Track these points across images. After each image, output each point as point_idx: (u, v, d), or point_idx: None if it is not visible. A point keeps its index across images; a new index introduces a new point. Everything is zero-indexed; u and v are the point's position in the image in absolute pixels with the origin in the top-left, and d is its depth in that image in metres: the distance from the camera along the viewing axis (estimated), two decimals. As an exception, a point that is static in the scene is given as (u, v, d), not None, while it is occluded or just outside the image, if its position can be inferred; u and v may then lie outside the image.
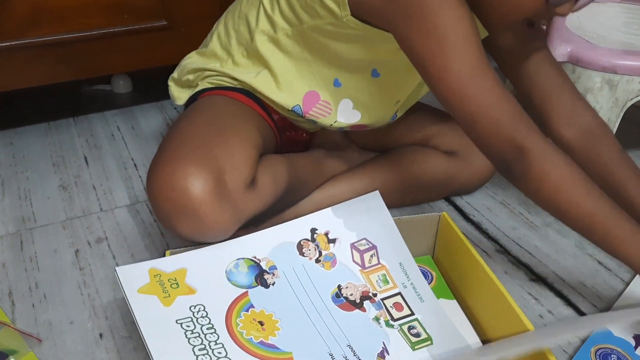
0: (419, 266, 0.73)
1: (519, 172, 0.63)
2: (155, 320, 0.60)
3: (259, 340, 0.61)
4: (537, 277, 0.83)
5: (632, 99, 0.95)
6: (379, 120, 0.85)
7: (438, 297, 0.71)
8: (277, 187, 0.74)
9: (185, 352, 0.57)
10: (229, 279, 0.66)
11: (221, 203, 0.65)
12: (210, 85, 0.83)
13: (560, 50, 0.97)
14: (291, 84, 0.79)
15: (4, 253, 0.83)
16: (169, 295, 0.62)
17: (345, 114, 0.81)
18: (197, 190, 0.63)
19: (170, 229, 0.67)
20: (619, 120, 0.97)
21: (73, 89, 1.31)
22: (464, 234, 0.74)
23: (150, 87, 1.31)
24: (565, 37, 0.99)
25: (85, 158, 1.06)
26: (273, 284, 0.67)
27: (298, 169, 0.83)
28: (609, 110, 0.96)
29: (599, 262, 0.86)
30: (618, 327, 0.71)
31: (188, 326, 0.60)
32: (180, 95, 0.88)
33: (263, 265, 0.68)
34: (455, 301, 0.73)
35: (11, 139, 1.11)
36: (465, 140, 0.92)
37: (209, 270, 0.66)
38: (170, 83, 0.91)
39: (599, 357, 0.68)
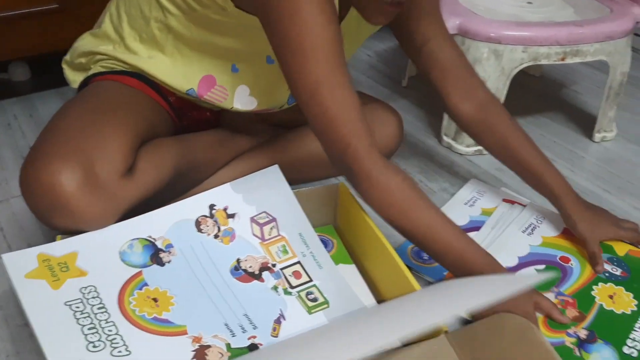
0: (320, 235, 0.75)
1: (351, 183, 0.67)
2: (42, 303, 0.59)
3: (152, 316, 0.62)
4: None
5: (516, 67, 1.01)
6: (276, 106, 0.86)
7: (337, 263, 0.74)
8: (161, 171, 0.74)
9: (73, 332, 0.57)
10: (122, 260, 0.65)
11: (93, 195, 0.65)
12: (102, 69, 0.81)
13: (449, 23, 1.01)
14: (186, 68, 0.78)
15: None
16: (59, 279, 0.61)
17: (241, 101, 0.81)
18: (65, 185, 0.63)
19: (48, 225, 0.66)
20: (507, 88, 1.02)
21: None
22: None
23: (50, 73, 1.26)
24: (455, 11, 1.03)
25: (-21, 149, 1.02)
26: (169, 262, 0.67)
27: (196, 149, 0.83)
28: (497, 79, 1.01)
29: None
30: None
31: (77, 307, 0.60)
32: (74, 78, 0.86)
33: (159, 244, 0.68)
34: (353, 265, 0.76)
35: None
36: (369, 115, 0.96)
37: (102, 252, 0.65)
38: (64, 66, 0.88)
39: (414, 254, 0.80)
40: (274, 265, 0.71)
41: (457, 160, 1.07)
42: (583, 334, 0.69)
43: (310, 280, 0.70)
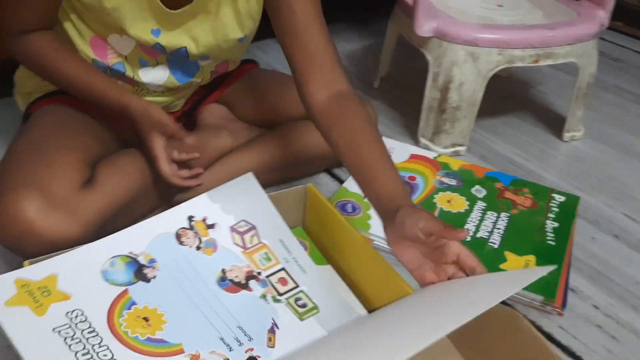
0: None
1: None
2: (29, 332, 0.56)
3: (146, 337, 0.60)
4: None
5: (492, 70, 1.02)
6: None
7: None
8: (125, 179, 0.75)
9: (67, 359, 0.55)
10: (105, 279, 0.63)
11: (55, 213, 0.66)
12: (39, 95, 0.83)
13: (426, 27, 1.02)
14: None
15: None
16: (42, 304, 0.58)
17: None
18: (26, 211, 0.65)
19: (22, 255, 0.65)
20: (483, 89, 1.04)
21: None
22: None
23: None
24: (431, 14, 1.04)
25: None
26: (154, 278, 0.65)
27: None
28: (474, 81, 1.02)
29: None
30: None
31: (67, 333, 0.57)
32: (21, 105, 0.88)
33: (141, 260, 0.66)
34: (329, 266, 0.76)
35: None
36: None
37: (83, 273, 0.62)
38: (18, 100, 0.89)
39: (339, 207, 0.88)
40: (259, 274, 0.69)
41: (434, 161, 1.08)
42: None
43: (297, 286, 0.69)
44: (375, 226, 0.84)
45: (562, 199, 0.95)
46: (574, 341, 0.74)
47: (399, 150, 1.05)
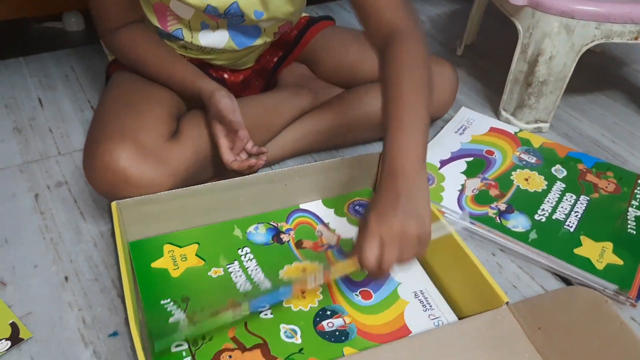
0: (360, 200, 0.80)
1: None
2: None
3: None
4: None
5: (587, 44, 0.97)
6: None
7: None
8: (206, 131, 0.77)
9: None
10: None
11: (145, 162, 0.69)
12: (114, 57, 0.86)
13: (520, -6, 0.98)
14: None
15: (-41, 198, 0.81)
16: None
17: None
18: (120, 159, 0.68)
19: (116, 199, 0.70)
20: (574, 64, 0.99)
21: (21, 27, 1.25)
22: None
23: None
24: (526, -20, 0.99)
25: (40, 99, 1.03)
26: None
27: (244, 112, 0.82)
28: (566, 55, 0.98)
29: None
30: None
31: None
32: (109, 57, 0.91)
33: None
34: None
35: (-42, 80, 1.07)
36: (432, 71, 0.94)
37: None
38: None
39: None
40: None
41: (515, 136, 1.05)
42: (503, 206, 0.84)
43: None
44: (448, 198, 0.84)
45: None
46: (645, 334, 0.72)
47: (479, 122, 1.03)
